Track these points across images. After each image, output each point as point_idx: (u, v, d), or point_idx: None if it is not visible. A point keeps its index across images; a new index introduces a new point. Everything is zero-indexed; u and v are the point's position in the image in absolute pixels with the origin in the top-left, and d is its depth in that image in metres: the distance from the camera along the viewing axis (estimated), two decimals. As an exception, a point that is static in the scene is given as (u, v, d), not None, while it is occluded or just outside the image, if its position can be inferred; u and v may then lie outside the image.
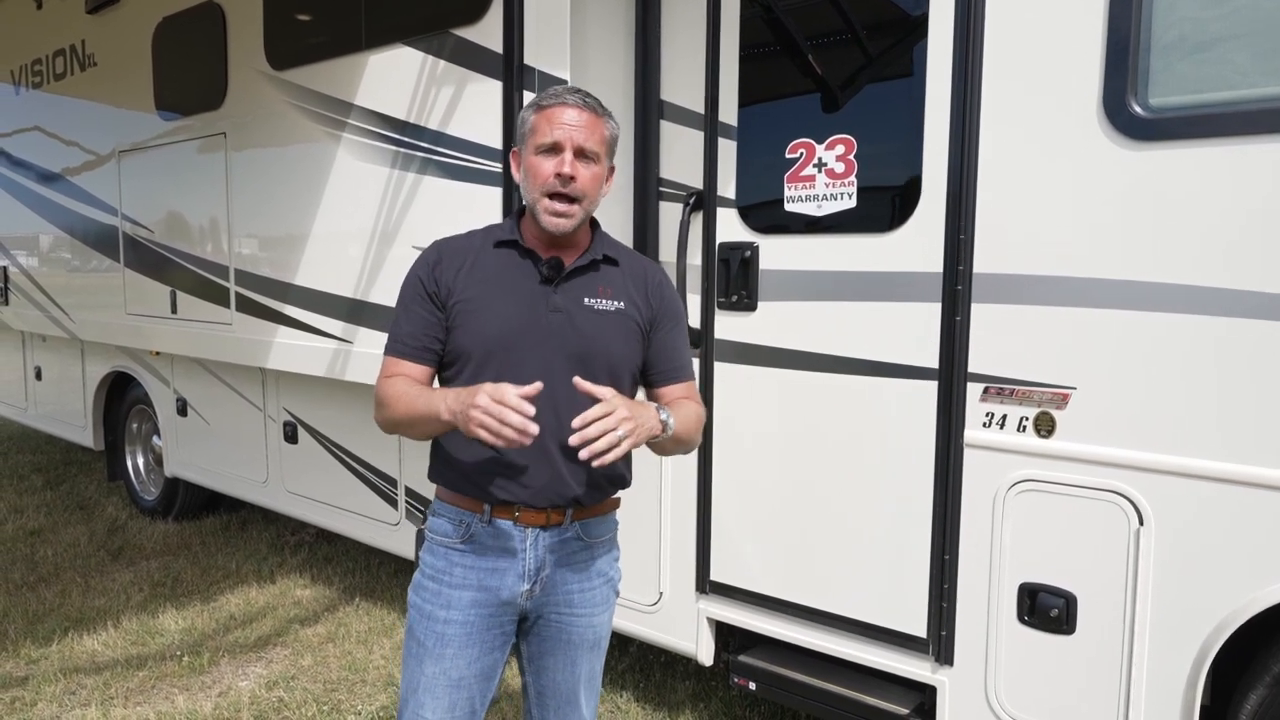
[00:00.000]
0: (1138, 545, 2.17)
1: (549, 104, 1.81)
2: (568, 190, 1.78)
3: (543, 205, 1.80)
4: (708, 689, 3.47)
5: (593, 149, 1.81)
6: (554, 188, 1.78)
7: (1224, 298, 2.03)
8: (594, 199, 1.84)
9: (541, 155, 1.80)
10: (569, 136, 1.78)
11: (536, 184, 1.80)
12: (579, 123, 1.79)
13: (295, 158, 3.97)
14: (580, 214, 1.82)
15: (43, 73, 5.81)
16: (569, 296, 1.84)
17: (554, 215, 1.80)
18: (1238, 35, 2.02)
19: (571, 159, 1.78)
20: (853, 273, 2.59)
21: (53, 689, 3.46)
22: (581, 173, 1.79)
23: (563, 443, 1.76)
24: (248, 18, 4.17)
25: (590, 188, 1.82)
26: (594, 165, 1.82)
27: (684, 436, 1.86)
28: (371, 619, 4.15)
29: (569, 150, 1.78)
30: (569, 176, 1.77)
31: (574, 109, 1.80)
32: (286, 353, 4.07)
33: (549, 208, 1.79)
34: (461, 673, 1.87)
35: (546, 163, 1.79)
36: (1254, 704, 2.11)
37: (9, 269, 6.50)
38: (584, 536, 1.91)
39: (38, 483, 6.57)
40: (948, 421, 2.44)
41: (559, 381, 1.76)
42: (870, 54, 2.57)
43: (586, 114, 1.81)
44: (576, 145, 1.79)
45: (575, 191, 1.79)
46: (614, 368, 1.85)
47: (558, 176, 1.77)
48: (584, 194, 1.80)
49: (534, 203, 1.82)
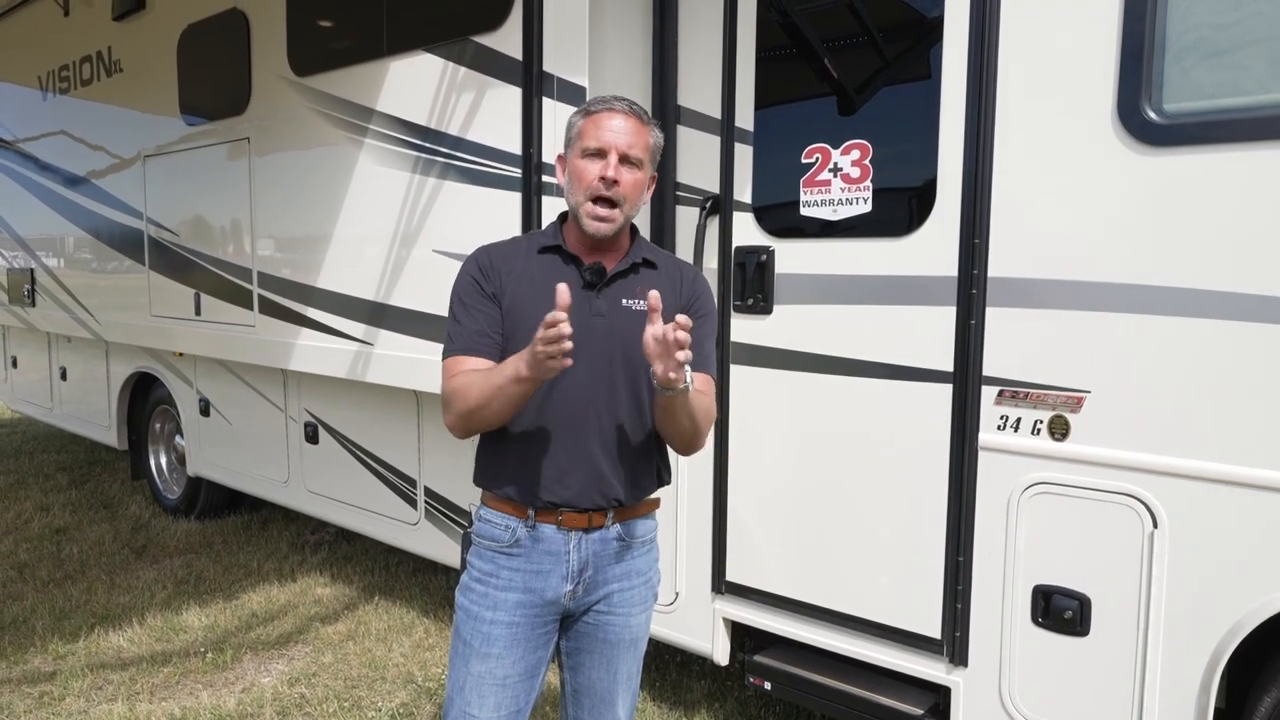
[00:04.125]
0: (1152, 548, 2.18)
1: (597, 110, 1.87)
2: (610, 194, 1.83)
3: (586, 209, 1.84)
4: (723, 689, 3.49)
5: (637, 155, 1.86)
6: (598, 191, 1.83)
7: (1237, 302, 2.04)
8: (635, 204, 1.89)
9: (587, 159, 1.85)
10: (614, 142, 1.83)
11: (581, 187, 1.85)
12: (625, 129, 1.84)
13: (317, 162, 4.03)
14: (621, 218, 1.86)
15: (70, 78, 5.90)
16: (610, 300, 1.89)
17: (596, 219, 1.84)
18: (1252, 41, 2.03)
19: (616, 164, 1.83)
20: (868, 277, 2.61)
21: (80, 684, 3.52)
22: (625, 177, 1.84)
23: (605, 444, 1.85)
24: (271, 24, 4.24)
25: (632, 193, 1.86)
26: (637, 171, 1.87)
27: (696, 411, 1.82)
28: (391, 617, 4.20)
29: (614, 155, 1.83)
30: (613, 180, 1.82)
31: (621, 116, 1.85)
32: (308, 354, 4.13)
33: (591, 211, 1.84)
34: (507, 672, 1.91)
35: (592, 166, 1.84)
36: (1269, 706, 2.12)
37: (35, 271, 6.60)
38: (625, 537, 1.95)
39: (63, 481, 6.67)
40: (962, 424, 2.45)
41: (601, 385, 1.84)
42: (886, 58, 2.59)
43: (633, 121, 1.86)
44: (621, 151, 1.83)
45: (618, 195, 1.83)
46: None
47: (602, 180, 1.82)
48: (626, 198, 1.85)
49: (577, 206, 1.87)
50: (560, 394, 1.84)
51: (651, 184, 1.95)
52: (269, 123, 4.33)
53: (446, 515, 3.91)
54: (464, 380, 1.83)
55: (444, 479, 3.90)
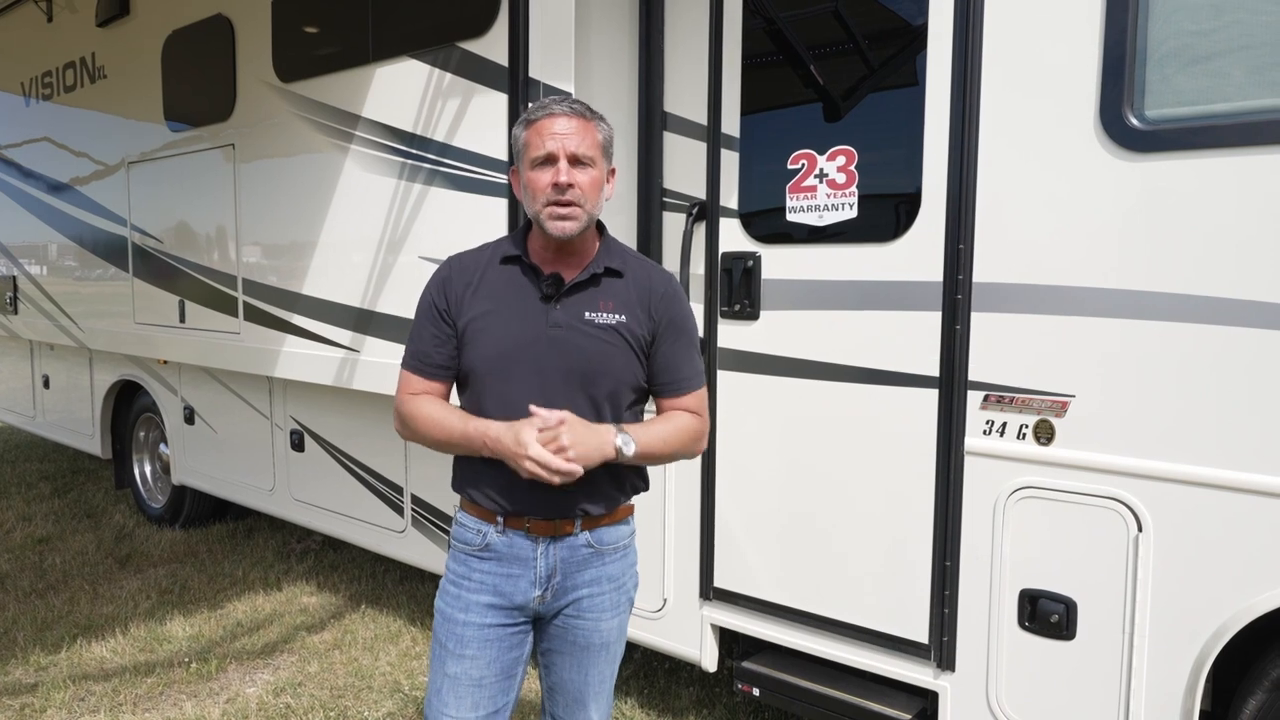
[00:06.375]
0: (1136, 551, 2.19)
1: (537, 117, 1.83)
2: (568, 197, 1.80)
3: (546, 213, 1.82)
4: (712, 695, 3.49)
5: (586, 154, 1.82)
6: (553, 198, 1.80)
7: (1220, 307, 2.06)
8: (596, 202, 1.85)
9: (538, 169, 1.82)
10: (561, 145, 1.80)
11: (537, 198, 1.82)
12: (569, 130, 1.81)
13: (303, 169, 4.02)
14: (584, 216, 1.83)
15: (53, 84, 5.87)
16: (570, 312, 1.86)
17: (557, 220, 1.81)
18: (1233, 48, 2.05)
19: (567, 167, 1.80)
20: (854, 282, 2.62)
21: (62, 695, 3.49)
22: (579, 178, 1.81)
23: None
24: (256, 31, 4.22)
25: (591, 192, 1.83)
26: (591, 169, 1.83)
27: (655, 453, 1.87)
28: (378, 626, 4.18)
29: (563, 159, 1.80)
30: (566, 185, 1.79)
31: (563, 117, 1.81)
32: (294, 362, 4.11)
33: (552, 213, 1.81)
34: (482, 672, 1.92)
35: (544, 175, 1.81)
36: (1253, 709, 2.13)
37: (18, 278, 6.55)
38: (594, 544, 1.94)
39: (45, 491, 6.61)
40: (948, 429, 2.46)
41: (559, 398, 1.82)
42: (871, 65, 2.60)
43: (576, 120, 1.82)
44: (570, 153, 1.80)
45: (576, 197, 1.80)
46: (614, 382, 1.87)
47: (554, 186, 1.79)
48: (585, 198, 1.82)
49: (537, 214, 1.84)
50: (520, 408, 1.80)
51: (611, 178, 1.92)
52: (254, 129, 4.31)
53: (433, 523, 3.90)
54: (420, 411, 1.91)
55: (431, 486, 3.89)
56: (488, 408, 1.86)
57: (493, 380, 1.86)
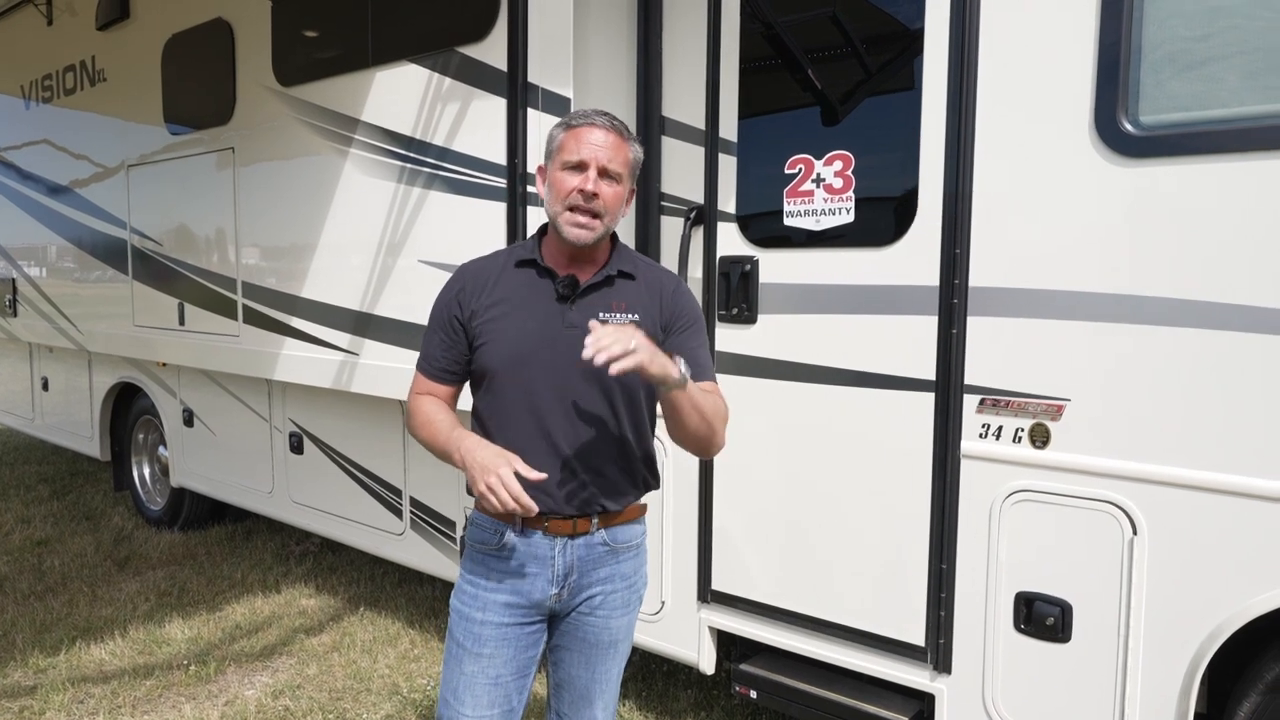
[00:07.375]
0: (1131, 554, 2.20)
1: (578, 124, 1.90)
2: (591, 206, 1.86)
3: (564, 218, 1.87)
4: (709, 697, 3.49)
5: (616, 170, 1.89)
6: (575, 201, 1.86)
7: (1213, 311, 2.07)
8: (615, 216, 1.92)
9: (567, 171, 1.88)
10: (595, 156, 1.86)
11: (559, 197, 1.88)
12: (605, 144, 1.87)
13: (302, 172, 4.03)
14: (601, 228, 1.89)
15: (53, 87, 5.88)
16: (584, 313, 1.89)
17: (576, 227, 1.87)
18: (1226, 54, 2.07)
19: (596, 177, 1.86)
20: (851, 286, 2.63)
21: (61, 698, 3.49)
22: (604, 190, 1.87)
23: (583, 454, 1.89)
24: (256, 34, 4.23)
25: (613, 205, 1.90)
26: (617, 185, 1.90)
27: (704, 407, 1.86)
28: (376, 628, 4.18)
29: (593, 169, 1.86)
30: (592, 193, 1.85)
31: (602, 130, 1.88)
32: (293, 364, 4.12)
33: (571, 219, 1.87)
34: (498, 671, 1.95)
35: (571, 178, 1.87)
36: (1248, 710, 2.14)
37: (17, 281, 6.56)
38: (610, 543, 1.98)
39: (44, 493, 6.61)
40: (944, 433, 2.47)
41: (576, 396, 1.88)
42: (868, 69, 2.61)
43: (613, 135, 1.89)
44: (601, 165, 1.86)
45: (599, 208, 1.86)
46: (629, 381, 1.89)
47: (580, 192, 1.85)
48: (607, 210, 1.88)
49: (555, 215, 1.89)
50: (538, 407, 1.89)
51: (631, 196, 1.99)
52: (254, 132, 4.32)
53: (432, 525, 3.90)
54: (423, 410, 1.98)
55: (430, 489, 3.89)
56: (505, 407, 1.92)
57: (510, 380, 1.91)
